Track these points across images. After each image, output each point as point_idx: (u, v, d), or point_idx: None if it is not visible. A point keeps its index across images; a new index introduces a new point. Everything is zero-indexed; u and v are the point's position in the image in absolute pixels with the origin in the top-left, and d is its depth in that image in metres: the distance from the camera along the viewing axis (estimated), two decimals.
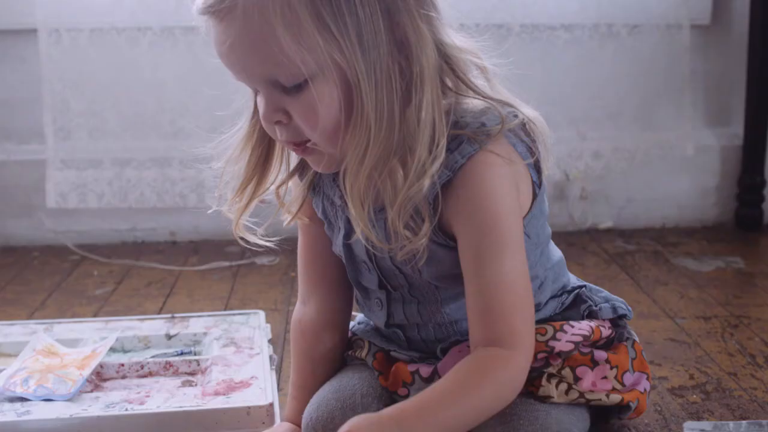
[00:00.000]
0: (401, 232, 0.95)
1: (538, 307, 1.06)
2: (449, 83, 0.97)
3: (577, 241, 2.19)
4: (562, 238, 1.15)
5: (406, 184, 0.93)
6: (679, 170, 2.34)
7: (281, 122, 0.95)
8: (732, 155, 2.35)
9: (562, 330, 1.04)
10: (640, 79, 2.26)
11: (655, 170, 2.32)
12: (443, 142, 0.93)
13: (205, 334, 1.49)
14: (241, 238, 1.09)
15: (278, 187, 1.08)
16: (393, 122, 0.92)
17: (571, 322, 1.05)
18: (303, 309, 1.16)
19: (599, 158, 2.26)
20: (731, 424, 0.89)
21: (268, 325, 1.53)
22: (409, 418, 0.90)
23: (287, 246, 1.15)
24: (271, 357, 1.38)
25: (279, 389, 1.30)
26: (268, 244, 1.09)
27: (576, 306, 1.08)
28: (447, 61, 0.96)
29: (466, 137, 0.95)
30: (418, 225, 0.95)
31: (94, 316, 1.69)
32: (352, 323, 1.18)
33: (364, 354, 1.12)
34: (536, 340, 1.02)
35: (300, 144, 0.97)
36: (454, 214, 0.96)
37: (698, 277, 1.90)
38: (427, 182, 0.93)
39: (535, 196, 1.02)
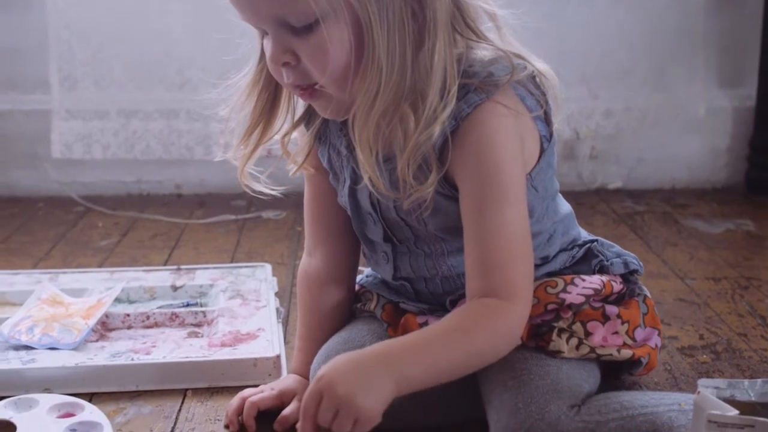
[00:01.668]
0: (409, 181, 0.93)
1: (546, 260, 1.05)
2: (460, 31, 0.95)
3: (586, 201, 2.18)
4: (570, 197, 1.14)
5: (417, 130, 0.91)
6: (690, 131, 2.31)
7: (289, 64, 0.93)
8: (744, 117, 2.33)
9: (572, 283, 1.03)
10: (653, 37, 2.22)
11: (666, 131, 2.30)
12: (454, 89, 0.91)
13: (211, 286, 1.48)
14: (246, 186, 1.08)
15: (284, 137, 1.07)
16: (405, 66, 0.90)
17: (582, 276, 1.04)
18: (309, 260, 1.15)
19: (610, 117, 2.24)
20: (746, 381, 0.88)
21: (275, 278, 1.52)
22: (396, 355, 0.89)
23: (294, 199, 1.13)
24: (277, 310, 1.37)
25: (286, 342, 1.30)
26: (272, 192, 1.08)
27: (587, 260, 1.07)
28: (458, 8, 0.94)
29: (473, 86, 0.93)
30: (425, 174, 0.94)
31: (99, 267, 1.68)
32: (360, 276, 1.18)
33: (372, 306, 1.11)
34: (546, 293, 1.01)
35: (307, 88, 0.95)
36: (457, 163, 0.95)
37: (708, 238, 1.89)
38: (437, 129, 0.91)
39: (542, 150, 1.00)
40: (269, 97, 1.03)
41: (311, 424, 0.88)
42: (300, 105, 1.07)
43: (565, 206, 1.10)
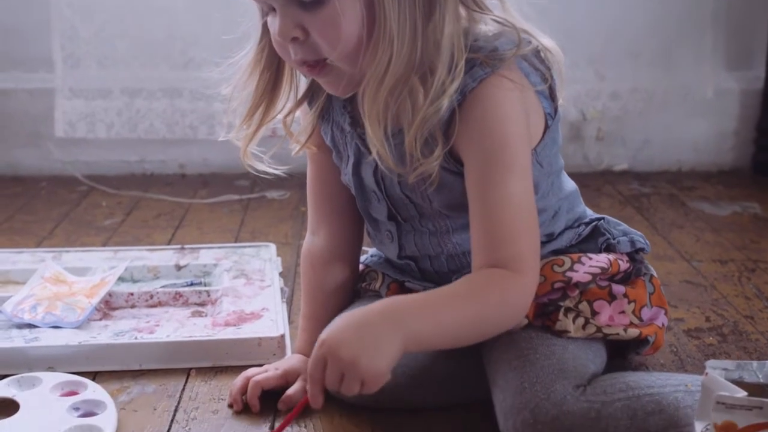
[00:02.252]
0: (417, 155, 0.93)
1: (551, 237, 1.05)
2: (466, 5, 0.95)
3: (592, 183, 2.16)
4: (576, 179, 1.13)
5: (426, 103, 0.90)
6: (697, 113, 2.30)
7: (297, 39, 0.92)
8: (752, 99, 2.31)
9: (579, 262, 1.02)
10: (661, 18, 2.21)
11: (673, 112, 2.28)
12: (462, 63, 0.91)
13: (215, 265, 1.47)
14: (249, 166, 1.07)
15: (286, 116, 1.06)
16: (415, 38, 0.90)
17: (589, 255, 1.03)
18: (312, 239, 1.15)
19: (617, 99, 2.22)
20: (755, 363, 0.87)
21: (279, 258, 1.51)
22: (402, 312, 0.89)
23: (298, 179, 1.12)
24: (282, 289, 1.36)
25: (290, 322, 1.29)
26: (275, 171, 1.07)
27: (594, 238, 1.06)
28: None
29: (478, 61, 0.93)
30: (431, 149, 0.93)
31: (103, 246, 1.68)
32: (365, 256, 1.17)
33: (378, 285, 1.11)
34: (553, 271, 1.01)
35: (315, 64, 0.94)
36: (462, 137, 0.94)
37: (714, 221, 1.88)
38: (446, 102, 0.91)
39: (547, 126, 1.00)
40: (271, 77, 1.02)
41: (319, 388, 0.88)
42: (302, 84, 1.06)
43: (570, 183, 1.10)
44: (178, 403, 1.08)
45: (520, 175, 0.93)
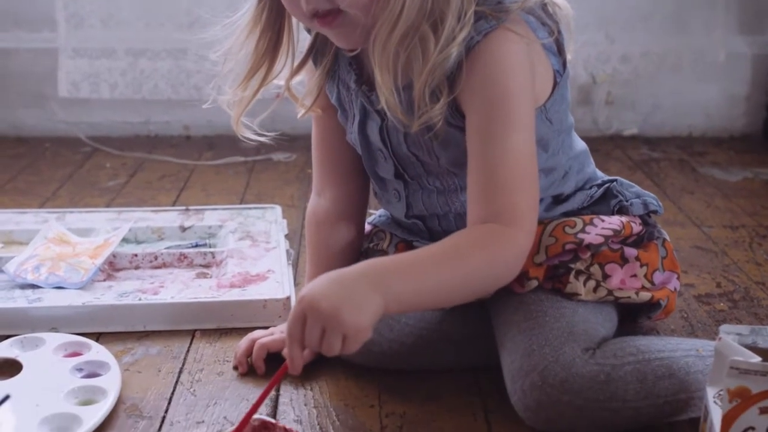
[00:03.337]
0: (425, 103, 0.91)
1: (562, 197, 1.03)
2: None
3: (601, 147, 2.14)
4: (585, 143, 1.11)
5: (436, 51, 0.88)
6: (708, 77, 2.27)
7: None
8: (764, 64, 2.28)
9: (591, 223, 1.00)
10: None
11: (684, 77, 2.25)
12: (471, 11, 0.89)
13: (220, 227, 1.46)
14: (243, 136, 1.06)
15: (290, 78, 1.04)
16: None
17: (602, 216, 1.02)
18: (318, 200, 1.13)
19: (627, 62, 2.19)
20: None
21: (285, 220, 1.50)
22: (382, 271, 0.86)
23: (304, 142, 1.10)
24: (287, 251, 1.35)
25: (296, 284, 1.28)
26: (261, 139, 1.06)
27: (606, 200, 1.04)
28: None
29: (483, 14, 0.91)
30: (437, 99, 0.92)
31: (107, 207, 1.66)
32: (372, 216, 1.16)
33: (385, 245, 1.09)
34: (565, 233, 0.99)
35: (327, 15, 0.91)
36: (466, 89, 0.92)
37: (725, 186, 1.85)
38: (455, 51, 0.89)
39: (555, 82, 0.97)
40: (272, 37, 1.00)
41: (298, 348, 0.84)
42: (303, 44, 1.04)
43: (580, 143, 1.08)
44: (183, 364, 1.07)
45: (522, 128, 0.91)
